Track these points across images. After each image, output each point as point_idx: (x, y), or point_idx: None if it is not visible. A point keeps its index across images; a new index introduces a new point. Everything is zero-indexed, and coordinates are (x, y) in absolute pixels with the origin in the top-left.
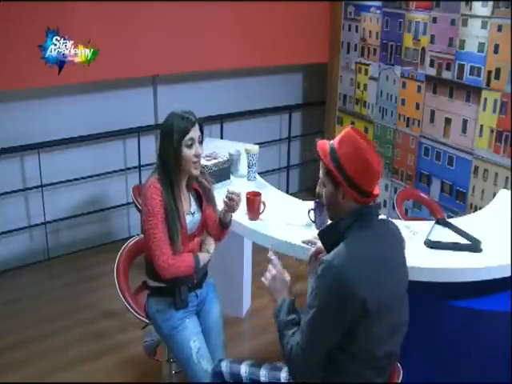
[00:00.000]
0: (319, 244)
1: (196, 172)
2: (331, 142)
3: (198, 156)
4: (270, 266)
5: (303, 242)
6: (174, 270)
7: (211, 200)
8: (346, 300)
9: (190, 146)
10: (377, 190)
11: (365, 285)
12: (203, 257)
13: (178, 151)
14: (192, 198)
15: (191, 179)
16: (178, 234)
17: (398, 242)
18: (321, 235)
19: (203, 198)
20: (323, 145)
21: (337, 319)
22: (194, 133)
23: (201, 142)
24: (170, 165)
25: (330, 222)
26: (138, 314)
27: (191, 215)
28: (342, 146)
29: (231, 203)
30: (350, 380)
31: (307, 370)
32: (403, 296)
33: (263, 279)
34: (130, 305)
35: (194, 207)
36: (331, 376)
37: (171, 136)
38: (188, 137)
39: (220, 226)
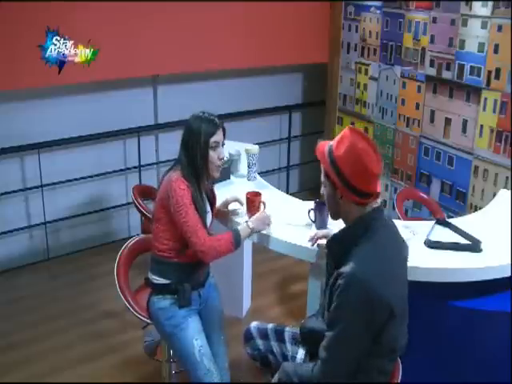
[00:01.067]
0: (325, 231)
1: (216, 174)
2: (331, 143)
3: (221, 159)
4: None
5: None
6: (214, 252)
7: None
8: (375, 308)
9: (214, 149)
10: (378, 189)
11: (390, 290)
12: (242, 228)
13: (206, 153)
14: (206, 198)
15: (209, 181)
16: (207, 227)
17: (400, 239)
18: (329, 245)
19: (213, 199)
20: (322, 147)
21: (366, 329)
22: (219, 136)
23: (223, 145)
24: (198, 165)
25: (335, 231)
26: (139, 314)
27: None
28: (339, 147)
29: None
30: (373, 375)
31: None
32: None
33: None
34: (130, 304)
35: (207, 207)
36: (355, 376)
37: (199, 137)
38: (213, 139)
39: None
